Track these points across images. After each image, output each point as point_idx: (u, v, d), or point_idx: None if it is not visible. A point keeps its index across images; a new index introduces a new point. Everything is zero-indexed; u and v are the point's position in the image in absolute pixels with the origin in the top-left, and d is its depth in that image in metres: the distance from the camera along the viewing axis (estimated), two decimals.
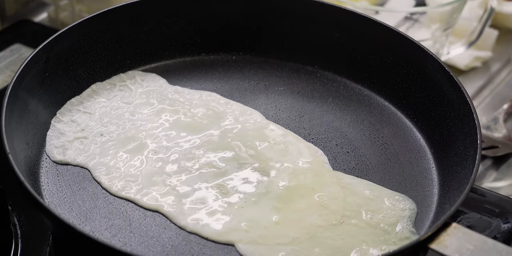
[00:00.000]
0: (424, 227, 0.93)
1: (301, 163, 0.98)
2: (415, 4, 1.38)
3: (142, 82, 1.09)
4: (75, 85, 1.06)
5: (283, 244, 0.90)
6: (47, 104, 1.02)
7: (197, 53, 1.14)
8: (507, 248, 0.82)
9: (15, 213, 1.00)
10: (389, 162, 1.00)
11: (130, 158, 0.98)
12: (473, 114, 0.95)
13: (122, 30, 1.09)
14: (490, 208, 1.03)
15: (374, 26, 1.08)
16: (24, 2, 1.41)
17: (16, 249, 0.96)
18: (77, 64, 1.06)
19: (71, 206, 0.93)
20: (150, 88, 1.08)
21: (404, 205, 0.94)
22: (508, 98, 1.31)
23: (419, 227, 0.93)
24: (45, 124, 1.01)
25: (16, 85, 0.95)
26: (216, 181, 0.96)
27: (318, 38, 1.11)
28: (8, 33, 1.35)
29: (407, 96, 1.06)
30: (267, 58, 1.13)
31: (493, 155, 1.20)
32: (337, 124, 1.05)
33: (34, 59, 0.99)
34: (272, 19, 1.11)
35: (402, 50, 1.06)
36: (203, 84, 1.10)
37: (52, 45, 1.02)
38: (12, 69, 1.27)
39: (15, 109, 0.94)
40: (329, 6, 1.10)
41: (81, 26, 1.05)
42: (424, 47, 1.03)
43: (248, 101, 1.08)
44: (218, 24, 1.13)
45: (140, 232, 0.91)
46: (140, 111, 1.05)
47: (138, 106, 1.05)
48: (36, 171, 0.96)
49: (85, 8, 1.37)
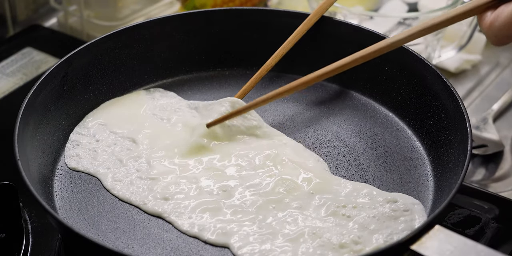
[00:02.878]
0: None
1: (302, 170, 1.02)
2: (408, 9, 1.42)
3: (160, 98, 1.14)
4: (93, 99, 1.12)
5: (280, 245, 0.93)
6: (65, 116, 1.08)
7: (212, 69, 1.19)
8: (486, 248, 0.84)
9: (26, 210, 1.06)
10: (388, 169, 1.03)
11: (140, 169, 1.03)
12: (466, 122, 0.97)
13: (140, 46, 1.15)
14: (479, 204, 1.06)
15: (379, 40, 1.11)
16: (34, 8, 1.48)
17: (27, 244, 1.02)
18: (95, 79, 1.12)
19: (80, 210, 0.98)
20: (166, 103, 1.13)
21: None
22: (496, 99, 1.34)
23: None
24: (62, 135, 1.07)
25: (33, 97, 1.01)
26: (216, 185, 1.00)
27: (326, 53, 1.15)
28: (20, 37, 1.42)
29: (409, 107, 1.09)
30: (278, 73, 1.18)
31: (482, 154, 1.24)
32: (341, 134, 1.09)
33: (53, 73, 1.05)
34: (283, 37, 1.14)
35: (404, 63, 1.09)
36: (216, 97, 1.14)
37: (71, 60, 1.08)
38: (24, 72, 1.33)
39: (31, 120, 1.00)
40: (337, 22, 1.14)
41: (100, 43, 1.11)
42: (424, 59, 1.06)
43: (258, 112, 1.11)
44: (233, 41, 1.18)
45: (142, 235, 0.96)
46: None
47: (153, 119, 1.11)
48: (50, 178, 1.02)
49: (93, 13, 1.42)
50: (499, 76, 1.40)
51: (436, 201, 0.98)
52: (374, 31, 1.12)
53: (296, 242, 0.93)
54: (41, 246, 1.02)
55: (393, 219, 0.95)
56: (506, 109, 1.33)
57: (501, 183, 1.19)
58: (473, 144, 1.19)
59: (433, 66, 1.05)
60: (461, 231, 1.05)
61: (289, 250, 0.92)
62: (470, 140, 0.95)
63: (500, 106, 1.32)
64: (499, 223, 1.05)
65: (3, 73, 1.33)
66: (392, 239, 0.93)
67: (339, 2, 1.23)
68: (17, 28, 1.46)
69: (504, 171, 1.21)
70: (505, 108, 1.33)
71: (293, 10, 1.16)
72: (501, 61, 1.43)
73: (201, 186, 1.00)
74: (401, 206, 0.96)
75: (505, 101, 1.33)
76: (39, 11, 1.50)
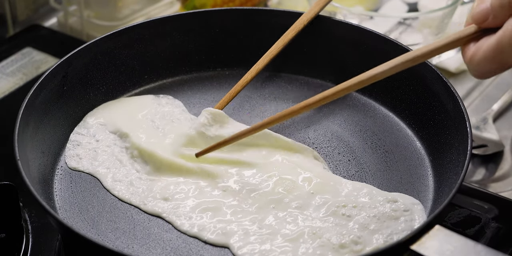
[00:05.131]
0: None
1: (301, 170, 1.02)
2: (408, 9, 1.42)
3: (165, 105, 1.13)
4: (93, 99, 1.12)
5: (280, 246, 0.93)
6: (65, 116, 1.08)
7: (212, 69, 1.19)
8: (486, 248, 0.84)
9: (26, 210, 1.06)
10: (388, 169, 1.03)
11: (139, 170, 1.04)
12: (466, 122, 0.97)
13: (140, 46, 1.15)
14: (479, 204, 1.07)
15: (379, 40, 1.11)
16: (34, 8, 1.49)
17: (27, 244, 1.02)
18: (95, 79, 1.12)
19: (80, 210, 0.98)
20: (168, 111, 1.12)
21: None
22: (496, 99, 1.34)
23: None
24: (62, 135, 1.07)
25: (33, 97, 1.01)
26: (216, 185, 1.00)
27: (326, 53, 1.16)
28: (20, 37, 1.42)
29: (409, 107, 1.09)
30: (278, 72, 1.18)
31: (482, 154, 1.24)
32: (341, 134, 1.09)
33: (53, 73, 1.05)
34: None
35: None
36: (216, 97, 1.15)
37: (71, 60, 1.08)
38: (24, 71, 1.34)
39: (31, 120, 1.00)
40: (337, 22, 1.14)
41: (100, 43, 1.11)
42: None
43: (258, 112, 1.12)
44: (232, 41, 1.18)
45: (142, 235, 0.96)
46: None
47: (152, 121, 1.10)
48: (50, 178, 1.02)
49: (93, 13, 1.43)
50: (499, 76, 1.40)
51: (436, 201, 0.98)
52: (373, 30, 1.12)
53: (296, 242, 0.93)
54: (41, 246, 1.02)
55: (394, 219, 0.95)
56: (506, 109, 1.33)
57: (501, 183, 1.19)
58: (473, 144, 1.20)
59: (433, 66, 1.05)
60: (461, 231, 1.05)
61: (289, 250, 0.92)
62: (470, 140, 0.95)
63: (500, 106, 1.32)
64: (499, 223, 1.05)
65: (3, 73, 1.33)
66: (392, 239, 0.93)
67: (339, 2, 1.23)
68: (17, 28, 1.46)
69: (504, 171, 1.21)
70: (505, 108, 1.33)
71: (293, 10, 1.16)
72: None
73: (201, 186, 1.00)
74: (401, 206, 0.96)
75: (505, 101, 1.33)
76: (39, 11, 1.51)
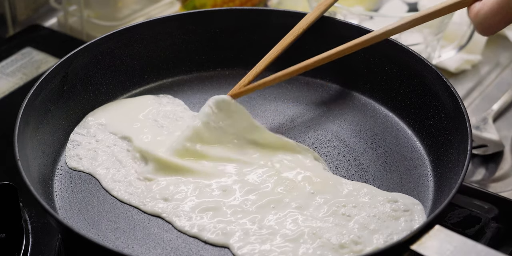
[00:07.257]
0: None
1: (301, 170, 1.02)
2: (408, 9, 1.42)
3: (166, 104, 1.13)
4: (93, 99, 1.12)
5: (280, 246, 0.94)
6: (65, 116, 1.08)
7: (212, 69, 1.19)
8: (486, 248, 0.84)
9: (26, 210, 1.06)
10: (388, 169, 1.03)
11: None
12: (466, 122, 0.97)
13: (139, 46, 1.15)
14: (479, 204, 1.07)
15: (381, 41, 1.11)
16: (34, 8, 1.49)
17: (27, 244, 1.02)
18: (95, 79, 1.12)
19: (80, 210, 0.98)
20: (170, 110, 1.12)
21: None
22: (496, 99, 1.34)
23: None
24: (62, 135, 1.07)
25: (33, 97, 1.01)
26: (216, 185, 1.00)
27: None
28: (20, 37, 1.42)
29: (409, 107, 1.09)
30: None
31: (482, 154, 1.24)
32: (341, 134, 1.09)
33: (53, 73, 1.05)
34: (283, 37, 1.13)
35: (404, 63, 1.09)
36: None
37: (71, 61, 1.08)
38: (24, 71, 1.34)
39: (31, 120, 1.00)
40: (338, 22, 1.14)
41: (100, 43, 1.11)
42: (424, 59, 1.06)
43: (258, 112, 1.12)
44: (232, 41, 1.18)
45: (142, 235, 0.96)
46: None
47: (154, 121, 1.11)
48: (50, 178, 1.02)
49: (93, 13, 1.43)
50: (499, 76, 1.40)
51: (436, 201, 0.98)
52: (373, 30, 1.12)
53: (296, 242, 0.93)
54: (41, 246, 1.02)
55: (394, 219, 0.95)
56: (506, 109, 1.33)
57: (501, 183, 1.19)
58: (473, 144, 1.20)
59: (433, 66, 1.05)
60: (461, 231, 1.05)
61: (289, 250, 0.92)
62: (470, 140, 0.95)
63: (500, 106, 1.32)
64: (499, 223, 1.05)
65: (3, 73, 1.33)
66: (392, 239, 0.93)
67: (339, 2, 1.23)
68: (17, 28, 1.47)
69: (504, 171, 1.21)
70: (505, 108, 1.33)
71: (293, 10, 1.16)
72: (501, 61, 1.43)
73: (201, 186, 1.00)
74: (401, 206, 0.96)
75: (505, 101, 1.33)
76: (39, 11, 1.51)
